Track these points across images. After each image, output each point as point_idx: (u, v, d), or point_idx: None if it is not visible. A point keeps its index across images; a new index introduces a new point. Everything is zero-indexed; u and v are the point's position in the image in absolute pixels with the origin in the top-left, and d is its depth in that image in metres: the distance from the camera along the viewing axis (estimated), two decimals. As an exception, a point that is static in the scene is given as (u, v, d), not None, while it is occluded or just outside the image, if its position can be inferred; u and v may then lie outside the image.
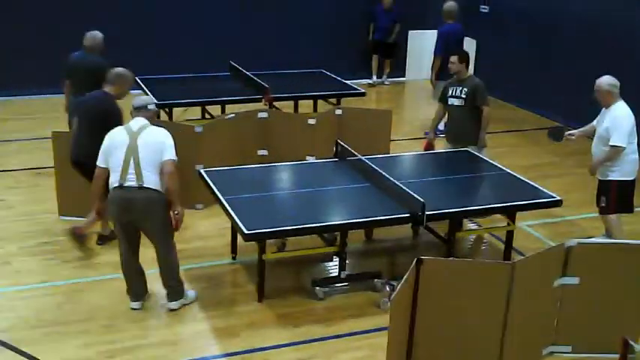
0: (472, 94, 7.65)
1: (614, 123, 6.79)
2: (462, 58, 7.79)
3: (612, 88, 6.88)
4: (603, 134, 6.90)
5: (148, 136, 5.87)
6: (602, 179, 7.06)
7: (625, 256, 5.44)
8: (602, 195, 7.04)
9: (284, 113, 9.37)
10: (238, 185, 6.73)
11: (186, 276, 6.65)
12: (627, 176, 6.97)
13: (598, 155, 6.98)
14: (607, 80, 6.91)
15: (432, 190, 6.84)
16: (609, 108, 6.91)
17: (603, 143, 6.89)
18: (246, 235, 5.74)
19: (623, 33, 10.51)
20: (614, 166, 6.90)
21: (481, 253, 7.37)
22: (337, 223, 6.04)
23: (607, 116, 6.89)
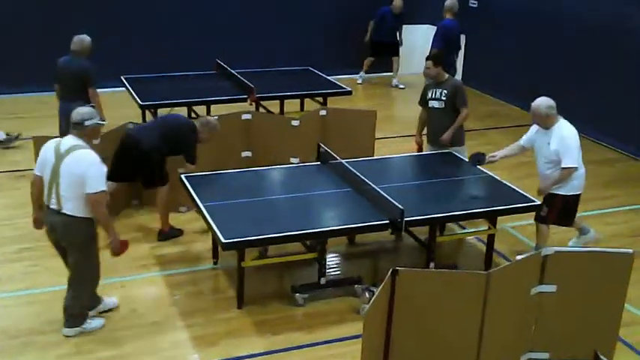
0: (452, 96, 7.60)
1: (563, 145, 6.68)
2: (437, 61, 7.68)
3: (550, 111, 6.74)
4: (550, 156, 6.78)
5: (72, 162, 5.38)
6: (551, 192, 6.92)
7: (601, 264, 5.44)
8: (546, 205, 6.90)
9: (267, 115, 9.35)
10: (219, 191, 6.72)
11: (168, 282, 6.67)
12: (574, 191, 6.89)
13: (548, 177, 6.85)
14: (544, 103, 6.74)
15: (413, 194, 6.84)
16: (551, 129, 6.77)
17: (551, 164, 6.80)
18: (224, 244, 5.73)
19: (612, 29, 10.47)
20: (564, 183, 6.82)
21: (463, 256, 7.36)
22: (316, 231, 6.03)
23: (552, 138, 6.73)
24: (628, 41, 10.22)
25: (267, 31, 13.17)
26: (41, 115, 10.46)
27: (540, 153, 6.92)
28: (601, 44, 10.62)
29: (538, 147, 6.96)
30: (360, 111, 9.04)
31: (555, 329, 5.53)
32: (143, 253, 7.15)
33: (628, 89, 10.25)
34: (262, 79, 10.68)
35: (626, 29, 10.23)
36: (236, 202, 6.49)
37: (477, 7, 13.01)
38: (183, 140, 7.27)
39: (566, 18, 11.22)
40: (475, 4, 13.01)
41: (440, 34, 10.99)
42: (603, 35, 10.60)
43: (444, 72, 7.71)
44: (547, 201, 6.91)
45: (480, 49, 13.14)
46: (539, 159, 6.97)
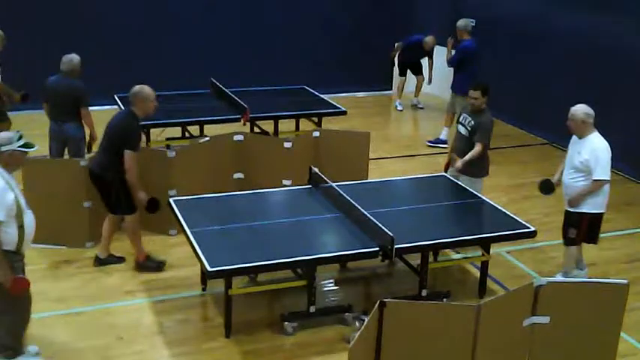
0: (475, 128, 7.48)
1: (595, 156, 6.57)
2: (485, 93, 7.53)
3: (587, 118, 6.66)
4: (579, 166, 6.68)
5: None
6: (575, 211, 6.83)
7: (596, 294, 5.31)
8: (572, 227, 6.84)
9: (260, 136, 9.25)
10: (207, 215, 6.61)
11: (155, 308, 6.55)
12: (599, 209, 6.79)
13: (577, 188, 6.74)
14: (582, 109, 6.69)
15: (405, 219, 6.72)
16: (584, 138, 6.71)
17: (579, 175, 6.70)
18: (209, 272, 5.61)
19: (610, 47, 10.38)
20: (587, 197, 6.72)
21: (457, 282, 7.23)
22: (304, 258, 5.90)
23: (583, 148, 6.66)
24: (623, 59, 10.13)
25: (262, 49, 13.11)
26: (32, 134, 10.29)
27: (570, 162, 6.82)
28: (601, 62, 10.51)
29: (569, 156, 6.87)
30: (354, 132, 8.94)
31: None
32: (130, 279, 7.03)
33: (623, 108, 10.14)
34: (257, 98, 10.60)
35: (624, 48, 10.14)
36: (224, 227, 6.38)
37: (474, 25, 12.86)
38: (122, 131, 6.76)
39: (567, 36, 11.11)
40: (473, 22, 12.87)
41: (461, 56, 10.85)
42: (602, 52, 10.50)
43: (485, 102, 7.56)
44: (573, 222, 6.83)
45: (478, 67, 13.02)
46: (567, 168, 6.86)
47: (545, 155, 11.05)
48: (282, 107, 10.17)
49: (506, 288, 7.03)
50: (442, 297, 6.66)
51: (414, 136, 12.27)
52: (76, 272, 7.13)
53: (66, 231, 7.57)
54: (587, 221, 6.80)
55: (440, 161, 10.53)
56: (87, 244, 7.56)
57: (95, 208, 7.45)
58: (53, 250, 7.49)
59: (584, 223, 6.81)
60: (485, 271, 6.87)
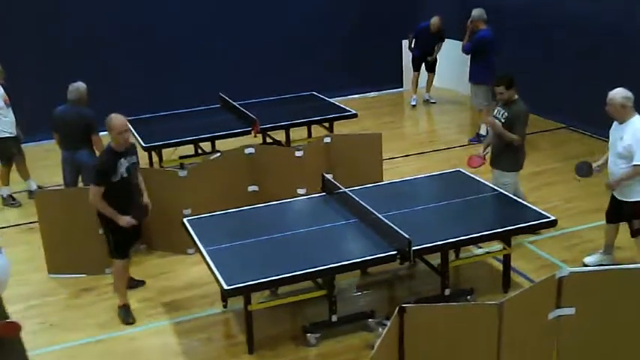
0: (511, 120, 7.36)
1: (636, 140, 6.38)
2: (508, 85, 7.41)
3: (626, 101, 6.44)
4: (622, 152, 6.49)
5: None
6: (627, 200, 6.62)
7: (621, 281, 5.18)
8: (634, 218, 6.61)
9: (270, 147, 9.19)
10: (222, 232, 6.57)
11: (178, 329, 6.53)
12: None
13: (617, 173, 6.56)
14: (621, 93, 6.47)
15: (422, 219, 6.62)
16: (625, 123, 6.49)
17: (623, 161, 6.50)
18: (226, 290, 5.55)
19: (620, 34, 10.19)
20: (637, 185, 6.50)
21: (481, 277, 7.10)
22: (322, 268, 5.82)
23: (625, 132, 6.46)
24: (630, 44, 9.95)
25: (269, 58, 13.03)
26: (45, 164, 10.37)
27: (613, 148, 6.63)
28: (614, 49, 10.32)
29: (612, 142, 6.68)
30: (365, 135, 8.86)
31: (578, 354, 5.26)
32: (150, 302, 7.00)
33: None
34: (267, 108, 10.57)
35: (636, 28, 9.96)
36: (239, 243, 6.32)
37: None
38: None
39: (578, 22, 10.92)
40: (481, 11, 12.74)
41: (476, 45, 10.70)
42: (612, 39, 10.32)
43: (514, 92, 7.45)
44: (630, 212, 6.64)
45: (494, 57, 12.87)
46: (612, 155, 6.68)
47: (563, 140, 10.89)
48: (292, 115, 10.10)
49: (531, 280, 6.91)
50: (466, 295, 6.56)
51: (428, 132, 12.15)
52: (97, 300, 7.11)
53: (84, 259, 7.56)
54: None
55: (456, 155, 10.45)
56: (106, 270, 7.52)
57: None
58: (73, 279, 7.48)
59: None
60: (508, 264, 6.74)
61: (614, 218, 6.94)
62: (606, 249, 7.14)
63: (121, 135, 6.35)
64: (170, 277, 7.42)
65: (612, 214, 6.93)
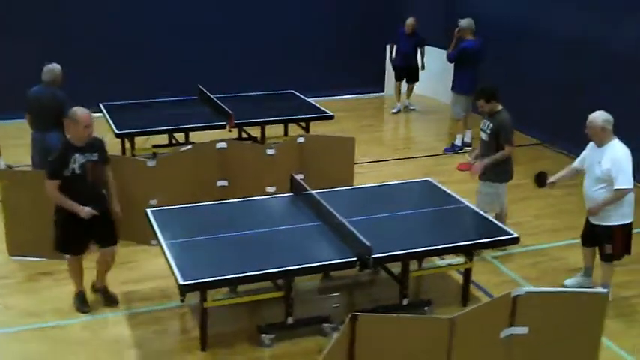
0: (496, 130, 7.37)
1: (616, 164, 6.34)
2: (488, 98, 7.44)
3: (606, 125, 6.42)
4: (601, 176, 6.44)
5: None
6: (602, 224, 6.59)
7: (575, 304, 5.21)
8: (606, 242, 6.61)
9: (242, 144, 9.13)
10: (184, 226, 6.52)
11: (133, 321, 6.47)
12: (627, 218, 6.56)
13: (597, 198, 6.51)
14: (601, 116, 6.44)
15: (386, 227, 6.61)
16: (603, 146, 6.47)
17: (601, 185, 6.47)
18: (181, 286, 5.51)
19: (602, 44, 10.22)
20: (612, 209, 6.48)
21: (441, 289, 7.09)
22: (280, 270, 5.79)
23: (604, 156, 6.42)
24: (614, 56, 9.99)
25: (254, 53, 12.98)
26: (16, 144, 10.23)
27: (590, 172, 6.58)
28: (594, 62, 10.36)
29: (589, 165, 6.62)
30: (338, 138, 8.82)
31: (529, 372, 5.28)
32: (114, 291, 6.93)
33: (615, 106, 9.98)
34: (245, 103, 10.53)
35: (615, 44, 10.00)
36: (201, 238, 6.28)
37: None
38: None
39: (559, 35, 10.96)
40: (464, 24, 12.75)
41: (460, 55, 10.68)
42: (593, 52, 10.36)
43: (496, 104, 7.47)
44: (604, 236, 6.61)
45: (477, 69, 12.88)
46: (588, 179, 6.63)
47: (538, 156, 10.92)
48: (269, 113, 10.08)
49: (490, 295, 6.91)
50: (424, 305, 6.56)
51: (406, 138, 12.15)
52: (55, 285, 7.04)
53: (46, 242, 7.46)
54: (620, 233, 6.56)
55: (431, 164, 10.48)
56: (66, 255, 7.44)
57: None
58: (34, 262, 7.41)
59: (617, 236, 6.56)
60: (468, 278, 6.75)
61: (589, 241, 6.91)
62: (586, 271, 7.10)
63: (86, 130, 6.17)
64: (132, 267, 7.36)
65: (588, 238, 6.90)
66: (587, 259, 7.04)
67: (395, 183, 7.88)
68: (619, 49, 9.95)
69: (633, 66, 9.75)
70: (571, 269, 7.39)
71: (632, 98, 9.78)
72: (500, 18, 12.18)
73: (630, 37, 9.79)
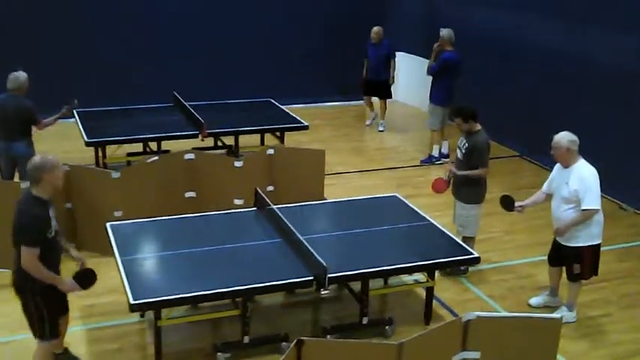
0: (470, 151, 7.27)
1: (584, 185, 6.29)
2: (466, 118, 7.26)
3: (572, 145, 6.37)
4: (568, 197, 6.39)
5: None
6: (570, 245, 6.53)
7: (528, 329, 5.15)
8: (575, 262, 6.55)
9: (210, 155, 9.03)
10: (144, 241, 6.47)
11: (90, 337, 6.39)
12: (596, 239, 6.51)
13: (565, 218, 6.45)
14: (566, 137, 6.39)
15: (348, 245, 6.56)
16: (570, 167, 6.42)
17: (569, 205, 6.41)
18: (132, 305, 5.44)
19: (581, 57, 10.16)
20: (581, 230, 6.43)
21: (404, 306, 7.02)
22: (234, 289, 5.71)
23: (571, 177, 6.37)
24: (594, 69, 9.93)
25: (232, 60, 12.88)
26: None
27: (558, 193, 6.53)
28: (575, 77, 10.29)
29: (556, 186, 6.57)
30: (309, 150, 8.77)
31: (481, 398, 5.21)
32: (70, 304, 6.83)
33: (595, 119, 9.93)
34: (220, 112, 10.50)
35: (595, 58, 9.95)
36: (159, 254, 6.23)
37: (447, 35, 12.68)
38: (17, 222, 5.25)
39: (542, 47, 10.89)
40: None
41: (441, 66, 10.48)
42: (574, 67, 10.30)
43: (475, 124, 7.31)
44: (572, 256, 6.56)
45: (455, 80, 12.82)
46: (556, 199, 6.57)
47: (515, 169, 10.88)
48: (243, 122, 10.02)
49: (454, 313, 6.86)
50: (385, 324, 6.49)
51: (384, 148, 12.02)
52: (12, 297, 6.92)
53: (10, 254, 7.38)
54: (589, 254, 6.50)
55: (408, 175, 10.41)
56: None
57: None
58: (-6, 273, 7.32)
59: (585, 257, 6.51)
60: (431, 296, 6.67)
61: (556, 261, 6.85)
62: (551, 291, 7.06)
63: (60, 180, 5.32)
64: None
65: (554, 258, 6.85)
66: (553, 279, 6.99)
67: (361, 198, 7.81)
68: (598, 62, 9.88)
69: (612, 80, 9.68)
70: (538, 287, 7.34)
71: (610, 111, 9.73)
72: (481, 29, 12.11)
73: (609, 51, 9.73)
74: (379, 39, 11.88)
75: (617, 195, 9.61)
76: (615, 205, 9.54)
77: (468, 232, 7.38)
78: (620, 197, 9.59)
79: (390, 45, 12.02)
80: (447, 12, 12.97)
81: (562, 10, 10.47)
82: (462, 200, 7.44)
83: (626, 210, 9.41)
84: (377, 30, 11.89)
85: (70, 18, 11.94)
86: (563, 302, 6.89)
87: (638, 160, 9.34)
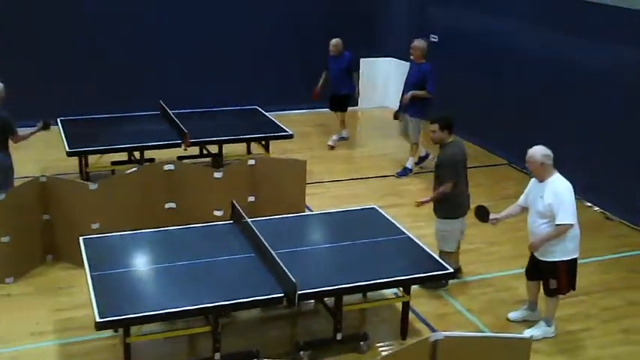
0: (439, 166, 7.21)
1: (558, 199, 6.23)
2: (443, 126, 7.10)
3: (546, 159, 6.30)
4: (543, 211, 6.33)
5: None
6: (546, 260, 6.47)
7: (498, 349, 5.08)
8: (551, 277, 6.48)
9: (190, 165, 8.98)
10: (117, 255, 6.40)
11: (63, 352, 6.35)
12: (572, 254, 6.44)
13: (540, 233, 6.39)
14: (540, 151, 6.33)
15: (322, 259, 6.51)
16: (544, 181, 6.35)
17: (544, 220, 6.35)
18: (97, 323, 5.38)
19: (570, 71, 10.07)
20: (556, 245, 6.36)
21: (381, 321, 6.95)
22: (203, 306, 5.65)
23: (546, 191, 6.31)
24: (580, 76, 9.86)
25: (219, 66, 12.77)
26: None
27: (533, 207, 6.47)
28: (562, 81, 10.22)
29: (531, 200, 6.51)
30: (290, 160, 8.70)
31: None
32: (44, 318, 6.81)
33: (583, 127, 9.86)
34: (206, 120, 10.48)
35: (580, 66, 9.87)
36: (130, 270, 6.17)
37: (437, 41, 12.63)
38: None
39: (529, 52, 10.81)
40: (436, 38, 12.64)
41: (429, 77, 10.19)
42: (561, 72, 10.22)
43: (448, 135, 7.16)
44: (548, 271, 6.50)
45: (441, 85, 12.73)
46: (531, 214, 6.51)
47: (502, 177, 10.78)
48: (228, 131, 9.96)
49: (432, 328, 6.79)
50: (359, 340, 6.42)
51: (372, 156, 11.90)
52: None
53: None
54: (564, 268, 6.43)
55: (394, 184, 10.33)
56: (7, 279, 7.35)
57: (16, 242, 7.27)
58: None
59: (561, 272, 6.44)
60: (406, 312, 6.60)
61: (534, 275, 6.79)
62: (530, 305, 6.99)
63: None
64: (69, 293, 7.23)
65: (532, 272, 6.79)
66: (532, 293, 6.93)
67: (339, 210, 7.75)
68: (586, 71, 9.79)
69: (600, 89, 9.61)
70: (519, 301, 7.25)
71: (597, 120, 9.66)
72: (469, 35, 12.05)
73: (597, 60, 9.64)
74: (338, 52, 11.29)
75: (604, 205, 9.55)
76: (601, 216, 9.47)
77: (447, 247, 7.30)
78: (606, 207, 9.52)
79: (350, 58, 11.43)
80: (435, 18, 12.90)
81: (550, 17, 10.39)
82: (439, 216, 7.35)
83: (612, 220, 9.32)
84: (335, 42, 11.32)
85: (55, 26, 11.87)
86: (542, 317, 6.82)
87: (625, 169, 9.26)
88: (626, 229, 9.11)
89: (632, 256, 8.42)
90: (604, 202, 9.54)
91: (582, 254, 8.21)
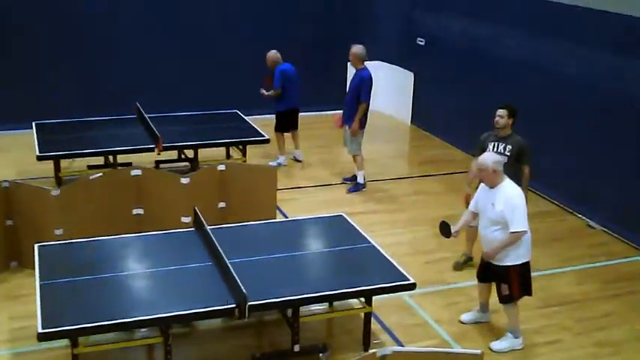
0: (517, 153, 7.31)
1: (509, 205, 6.14)
2: (512, 113, 7.36)
3: (497, 166, 6.24)
4: (495, 218, 6.23)
5: None
6: (497, 264, 6.37)
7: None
8: (503, 282, 6.38)
9: (157, 171, 8.80)
10: (71, 264, 6.24)
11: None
12: (524, 258, 6.34)
13: (493, 240, 6.30)
14: (491, 158, 6.29)
15: (280, 268, 6.31)
16: (495, 188, 6.27)
17: (496, 227, 6.25)
18: (39, 334, 5.23)
19: (556, 77, 9.88)
20: (509, 250, 6.25)
21: (344, 331, 6.77)
22: (152, 318, 5.49)
23: (497, 198, 6.22)
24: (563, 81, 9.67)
25: (204, 68, 12.65)
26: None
27: (484, 213, 6.40)
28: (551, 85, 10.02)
29: (482, 207, 6.43)
30: (260, 167, 8.57)
31: None
32: (1, 327, 6.67)
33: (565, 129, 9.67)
34: (183, 124, 10.35)
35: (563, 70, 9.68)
36: (82, 279, 6.00)
37: (424, 44, 12.47)
38: None
39: (517, 55, 10.62)
40: (422, 41, 12.48)
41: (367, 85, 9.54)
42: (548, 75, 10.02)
43: (511, 126, 7.40)
44: (500, 276, 6.40)
45: (428, 88, 12.59)
46: (482, 220, 6.44)
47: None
48: (205, 135, 9.82)
49: (396, 339, 6.62)
50: (319, 352, 6.26)
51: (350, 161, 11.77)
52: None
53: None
54: (516, 273, 6.33)
55: (374, 189, 10.17)
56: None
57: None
58: None
59: (512, 276, 6.33)
60: (368, 322, 6.42)
61: (484, 277, 6.72)
62: (482, 307, 6.94)
63: None
64: (26, 301, 7.05)
65: (482, 274, 6.72)
66: (483, 295, 6.89)
67: (306, 218, 7.59)
68: (571, 78, 9.60)
69: (584, 96, 9.41)
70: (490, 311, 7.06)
71: (580, 127, 9.47)
72: (456, 40, 11.88)
73: (583, 67, 9.45)
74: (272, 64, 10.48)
75: (586, 212, 9.35)
76: (583, 223, 9.26)
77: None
78: (588, 214, 9.32)
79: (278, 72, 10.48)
80: (422, 22, 12.73)
81: (537, 22, 10.20)
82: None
83: (594, 228, 9.12)
84: (269, 56, 10.53)
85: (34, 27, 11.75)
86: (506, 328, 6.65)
87: (607, 176, 9.06)
88: (606, 237, 8.91)
89: (609, 265, 8.21)
90: (587, 209, 9.34)
91: (559, 263, 8.19)
